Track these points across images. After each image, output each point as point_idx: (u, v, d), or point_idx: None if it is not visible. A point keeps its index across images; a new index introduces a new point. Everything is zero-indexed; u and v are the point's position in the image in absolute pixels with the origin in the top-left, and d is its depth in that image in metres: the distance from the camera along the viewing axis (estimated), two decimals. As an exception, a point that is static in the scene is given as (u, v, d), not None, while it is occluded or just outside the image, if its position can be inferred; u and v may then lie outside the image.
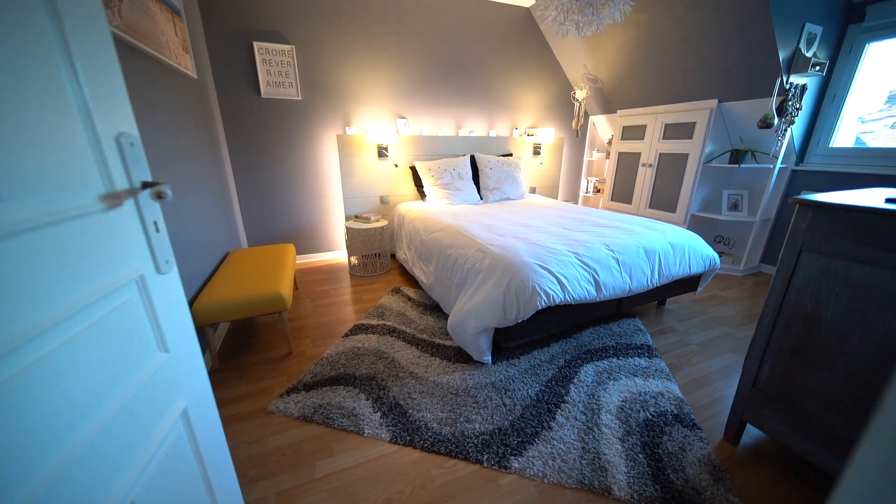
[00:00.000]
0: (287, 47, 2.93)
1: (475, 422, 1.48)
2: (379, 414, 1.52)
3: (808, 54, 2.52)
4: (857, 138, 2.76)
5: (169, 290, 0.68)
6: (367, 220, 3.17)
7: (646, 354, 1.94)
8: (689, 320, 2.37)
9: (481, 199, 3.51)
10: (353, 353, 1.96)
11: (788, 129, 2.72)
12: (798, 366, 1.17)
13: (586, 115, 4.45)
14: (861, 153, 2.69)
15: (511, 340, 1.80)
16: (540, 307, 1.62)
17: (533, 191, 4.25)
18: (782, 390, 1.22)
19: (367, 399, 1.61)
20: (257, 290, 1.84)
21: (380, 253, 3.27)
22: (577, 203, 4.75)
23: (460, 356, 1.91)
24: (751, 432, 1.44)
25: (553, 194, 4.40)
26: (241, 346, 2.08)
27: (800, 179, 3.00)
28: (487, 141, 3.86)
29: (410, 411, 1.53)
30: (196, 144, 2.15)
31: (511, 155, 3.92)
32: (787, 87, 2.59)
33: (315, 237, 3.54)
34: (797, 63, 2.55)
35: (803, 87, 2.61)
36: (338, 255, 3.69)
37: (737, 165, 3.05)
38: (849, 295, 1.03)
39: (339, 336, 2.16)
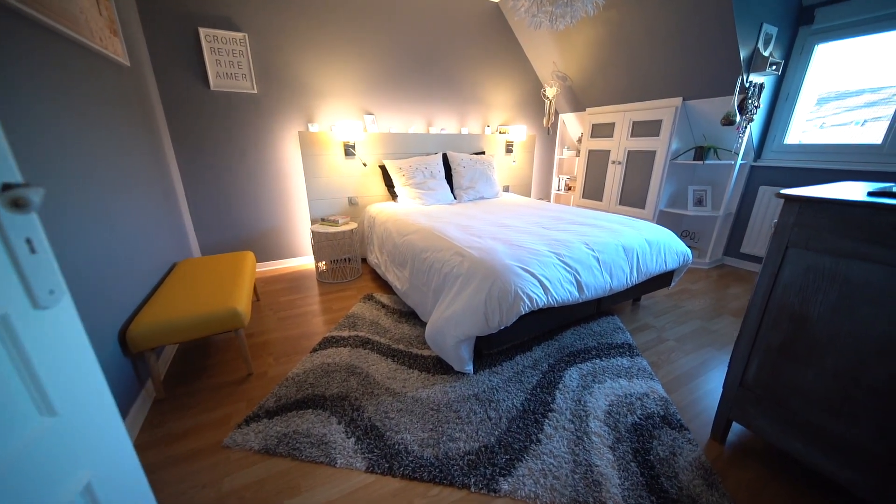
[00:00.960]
0: (239, 35, 2.67)
1: (459, 440, 1.37)
2: (353, 439, 1.37)
3: (766, 53, 2.62)
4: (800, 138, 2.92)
5: (55, 330, 0.50)
6: (334, 223, 2.97)
7: (627, 353, 1.92)
8: (664, 315, 2.39)
9: (455, 198, 3.40)
10: (323, 370, 1.79)
11: (748, 127, 2.82)
12: (785, 364, 1.15)
13: (556, 114, 4.46)
14: (812, 149, 2.84)
15: (493, 347, 1.70)
16: (523, 312, 1.53)
17: (506, 189, 4.20)
18: (769, 389, 1.20)
19: (340, 423, 1.45)
20: (208, 306, 1.63)
21: (350, 258, 3.08)
22: (549, 201, 4.76)
23: (440, 366, 1.79)
24: (735, 429, 1.42)
25: (526, 192, 4.38)
26: (192, 369, 1.84)
27: (758, 175, 3.13)
28: (459, 139, 3.76)
29: (388, 433, 1.40)
30: (130, 141, 1.88)
31: (484, 153, 3.84)
32: (747, 85, 2.68)
33: (278, 243, 3.29)
34: (756, 62, 2.64)
35: (761, 86, 2.71)
36: (304, 261, 3.45)
37: (701, 162, 3.15)
38: (836, 291, 1.01)
39: (306, 352, 1.97)
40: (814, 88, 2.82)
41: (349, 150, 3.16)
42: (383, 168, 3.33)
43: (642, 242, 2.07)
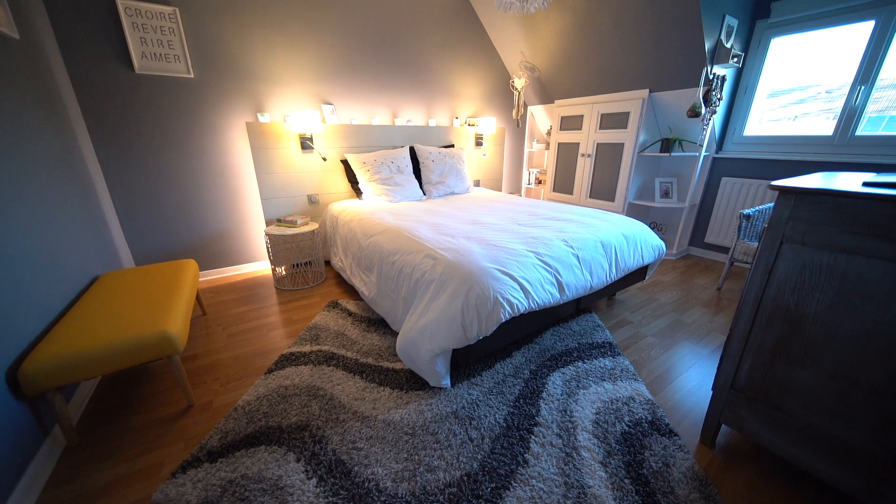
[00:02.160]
0: (168, 9, 2.31)
1: (438, 469, 1.21)
2: (314, 480, 1.17)
3: (728, 45, 2.64)
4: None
5: None
6: (292, 223, 2.70)
7: (609, 353, 1.85)
8: (640, 310, 2.36)
9: (424, 194, 3.22)
10: (280, 394, 1.56)
11: (712, 119, 2.86)
12: (779, 365, 1.09)
13: (525, 106, 4.38)
14: (770, 141, 2.94)
15: (471, 359, 1.56)
16: (504, 320, 1.39)
17: (477, 184, 4.07)
18: (762, 391, 1.14)
19: (299, 460, 1.24)
20: (132, 329, 1.35)
21: (311, 261, 2.82)
22: (521, 195, 4.69)
23: (414, 381, 1.63)
24: (724, 429, 1.38)
25: (497, 187, 4.27)
26: (118, 403, 1.55)
27: (720, 166, 3.20)
28: (427, 131, 3.57)
29: (356, 468, 1.21)
30: (24, 131, 1.53)
31: (453, 146, 3.68)
32: (711, 77, 2.70)
33: (228, 247, 2.95)
34: (719, 54, 2.66)
35: (723, 78, 2.75)
36: (260, 266, 3.13)
37: (668, 154, 3.17)
38: (834, 288, 0.95)
39: (259, 373, 1.73)
40: (770, 81, 2.90)
41: (306, 143, 2.88)
42: (345, 163, 3.08)
43: (619, 237, 2.01)
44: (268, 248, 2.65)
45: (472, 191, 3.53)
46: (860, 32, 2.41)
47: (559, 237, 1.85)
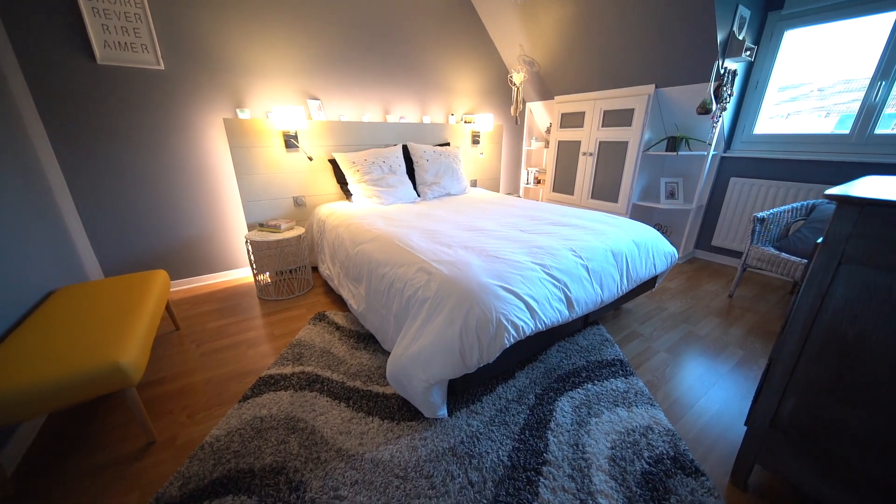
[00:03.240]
0: (133, -6, 2.09)
1: (434, 523, 1.04)
2: (288, 541, 1.00)
3: (740, 38, 2.49)
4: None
5: None
6: (275, 228, 2.50)
7: (620, 373, 1.69)
8: (650, 321, 2.21)
9: (418, 195, 3.04)
10: (254, 428, 1.38)
11: (721, 116, 2.71)
12: (832, 402, 0.93)
13: (524, 102, 4.20)
14: (781, 139, 2.79)
15: (470, 384, 1.39)
16: (508, 345, 1.22)
17: (474, 184, 3.89)
18: (810, 431, 0.98)
19: (271, 514, 1.07)
20: (78, 360, 1.16)
21: (298, 267, 2.63)
22: (519, 195, 4.52)
23: (407, 410, 1.45)
24: (756, 467, 1.22)
25: (495, 187, 4.10)
26: (66, 442, 1.36)
27: (728, 166, 3.06)
28: (421, 128, 3.38)
29: (338, 524, 1.04)
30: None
31: (448, 144, 3.50)
32: (722, 72, 2.54)
33: (208, 254, 2.75)
34: (731, 47, 2.50)
35: (734, 73, 2.59)
36: (243, 273, 2.93)
37: (674, 153, 3.02)
38: (908, 320, 0.80)
39: (233, 400, 1.55)
40: (782, 76, 2.75)
41: (290, 142, 2.68)
42: (334, 162, 2.88)
43: (630, 245, 1.85)
44: (249, 255, 2.45)
45: (469, 192, 3.35)
46: (881, 24, 2.27)
47: (566, 246, 1.68)
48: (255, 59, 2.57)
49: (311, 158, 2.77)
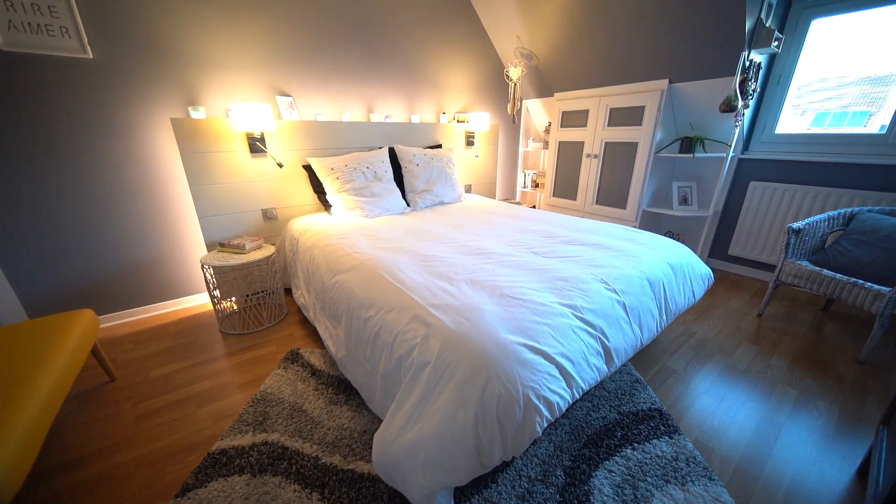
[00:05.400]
0: (45, -38, 1.67)
1: None
2: None
3: (768, 24, 2.21)
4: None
5: None
6: (239, 249, 2.11)
7: (662, 428, 1.38)
8: (679, 350, 1.91)
9: (408, 205, 2.68)
10: (190, 545, 1.01)
11: (745, 113, 2.44)
12: None
13: (521, 100, 3.88)
14: (806, 140, 2.54)
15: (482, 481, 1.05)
16: (540, 432, 0.89)
17: (468, 189, 3.55)
18: None
19: None
20: None
21: (268, 291, 2.24)
22: (516, 201, 4.21)
23: (400, 502, 1.10)
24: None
25: (491, 192, 3.77)
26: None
27: (746, 168, 2.80)
28: (410, 129, 3.02)
29: None
30: None
31: (440, 146, 3.14)
32: (747, 64, 2.27)
33: (158, 280, 2.33)
34: (759, 36, 2.23)
35: (759, 66, 2.33)
36: (204, 299, 2.52)
37: (690, 155, 2.74)
38: None
39: (169, 493, 1.16)
40: (808, 70, 2.50)
41: (256, 146, 2.28)
42: (309, 169, 2.50)
43: (666, 269, 1.54)
44: (208, 283, 2.05)
45: (464, 199, 3.01)
46: (924, 11, 2.02)
47: (594, 275, 1.36)
48: (212, 47, 2.16)
49: (280, 165, 2.38)
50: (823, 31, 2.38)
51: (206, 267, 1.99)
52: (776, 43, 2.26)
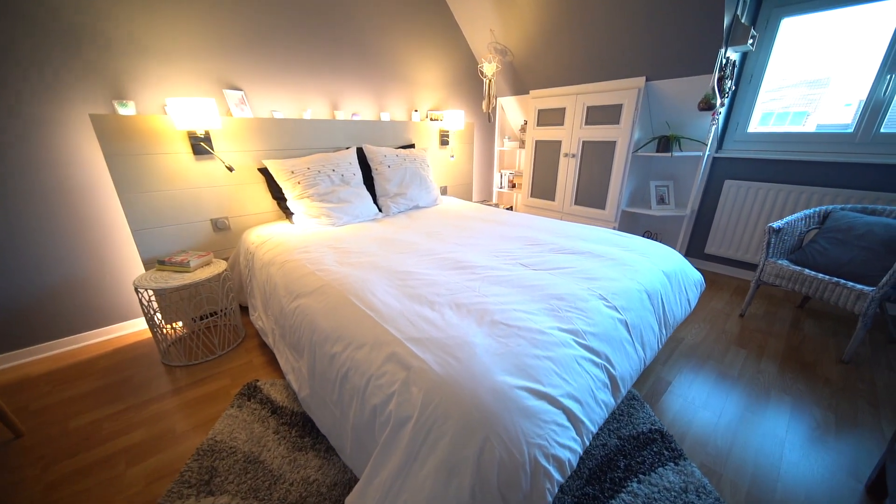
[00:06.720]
0: None
1: None
2: None
3: (745, 22, 2.19)
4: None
5: None
6: (182, 266, 1.81)
7: (666, 453, 1.27)
8: (670, 359, 1.84)
9: (380, 210, 2.46)
10: None
11: (721, 112, 2.42)
12: None
13: (496, 97, 3.74)
14: (776, 138, 2.56)
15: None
16: (551, 499, 0.72)
17: (444, 191, 3.37)
18: None
19: None
20: None
21: (221, 312, 1.96)
22: (493, 202, 4.08)
23: (380, 581, 0.91)
24: None
25: (467, 194, 3.61)
26: None
27: (721, 167, 2.80)
28: (379, 127, 2.79)
29: None
30: None
31: (413, 146, 2.94)
32: (725, 62, 2.23)
33: (84, 306, 1.98)
34: (736, 33, 2.20)
35: (735, 64, 2.31)
36: (139, 325, 2.18)
37: (668, 154, 2.70)
38: None
39: None
40: (779, 69, 2.51)
41: (200, 146, 1.98)
42: (266, 172, 2.22)
43: (662, 279, 1.43)
44: (145, 309, 1.74)
45: (441, 202, 2.83)
46: (888, 11, 2.06)
47: (591, 290, 1.22)
48: (143, 29, 1.84)
49: (230, 168, 2.09)
50: (793, 31, 2.40)
51: (142, 291, 1.69)
52: (751, 41, 2.24)
